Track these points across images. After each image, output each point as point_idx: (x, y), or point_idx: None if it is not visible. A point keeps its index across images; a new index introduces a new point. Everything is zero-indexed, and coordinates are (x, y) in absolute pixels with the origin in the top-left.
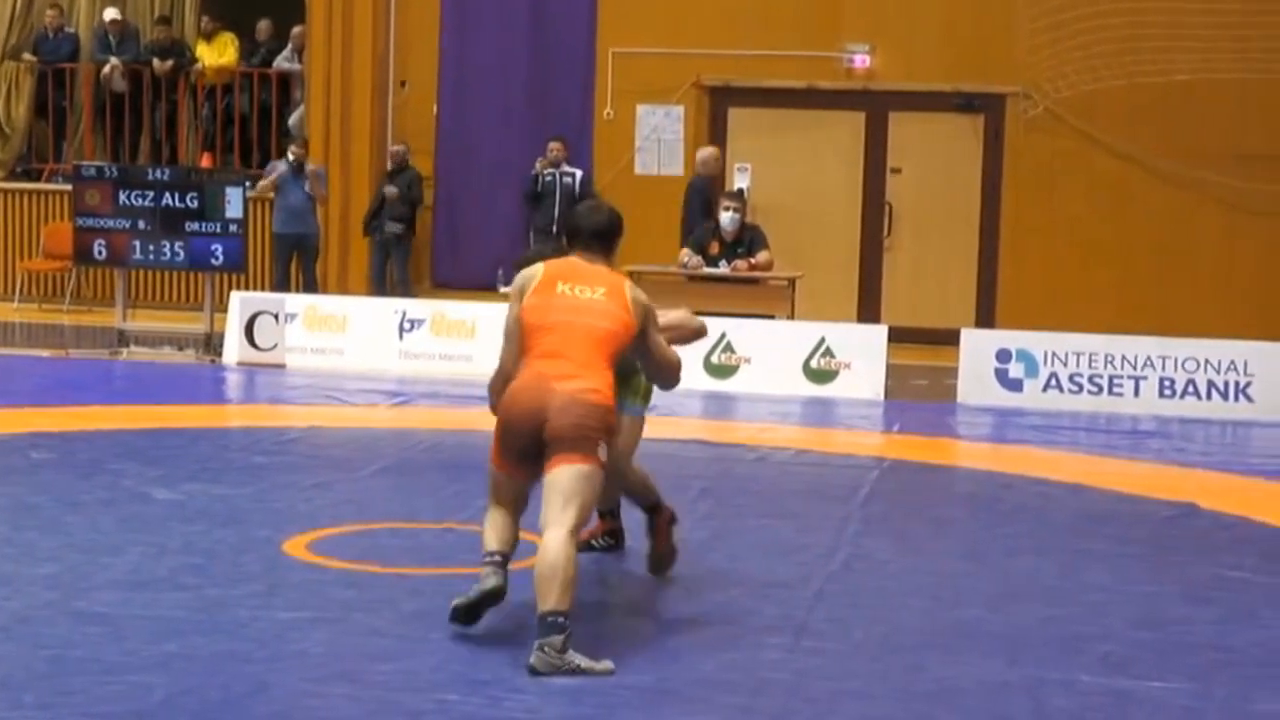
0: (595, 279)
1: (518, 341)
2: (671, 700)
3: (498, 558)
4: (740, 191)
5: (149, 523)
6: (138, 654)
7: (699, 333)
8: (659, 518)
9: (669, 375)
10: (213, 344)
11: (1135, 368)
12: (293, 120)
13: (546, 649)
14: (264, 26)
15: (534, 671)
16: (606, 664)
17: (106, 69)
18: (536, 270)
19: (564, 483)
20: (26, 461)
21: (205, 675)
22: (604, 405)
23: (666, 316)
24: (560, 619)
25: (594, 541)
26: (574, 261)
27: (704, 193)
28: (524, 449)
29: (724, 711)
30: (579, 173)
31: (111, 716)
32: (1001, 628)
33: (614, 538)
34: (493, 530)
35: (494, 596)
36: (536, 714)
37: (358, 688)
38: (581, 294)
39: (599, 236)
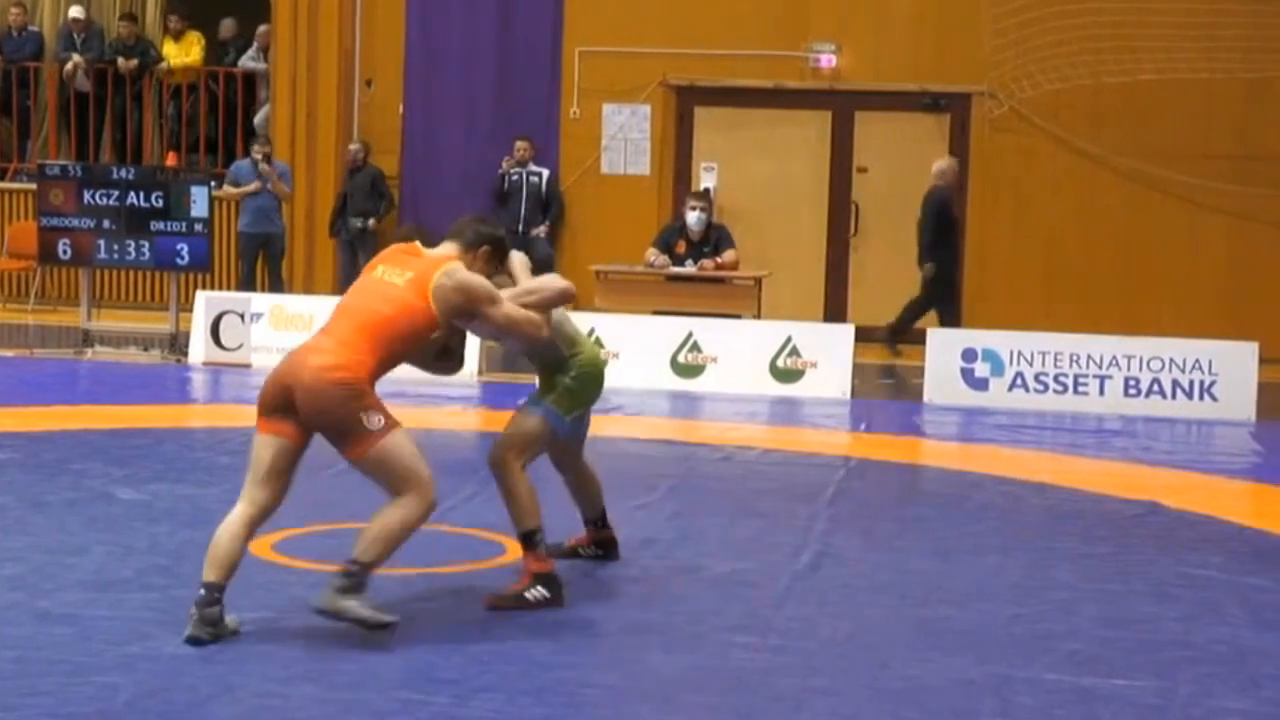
0: (413, 266)
1: None
2: (638, 699)
3: (214, 593)
4: (706, 191)
5: (114, 523)
6: (103, 655)
7: (564, 295)
8: (529, 554)
9: (521, 337)
10: (178, 344)
11: (1100, 367)
12: (258, 119)
13: (331, 587)
14: (228, 25)
15: (314, 608)
16: (387, 617)
17: (69, 67)
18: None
19: (379, 470)
20: None
21: (171, 676)
22: (345, 381)
23: (529, 284)
24: (353, 565)
25: (580, 550)
26: (412, 246)
27: (945, 206)
28: (275, 405)
29: (691, 710)
30: (545, 172)
31: (77, 717)
32: (968, 626)
33: (603, 548)
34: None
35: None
36: (502, 713)
37: (323, 688)
38: (386, 277)
39: (457, 232)
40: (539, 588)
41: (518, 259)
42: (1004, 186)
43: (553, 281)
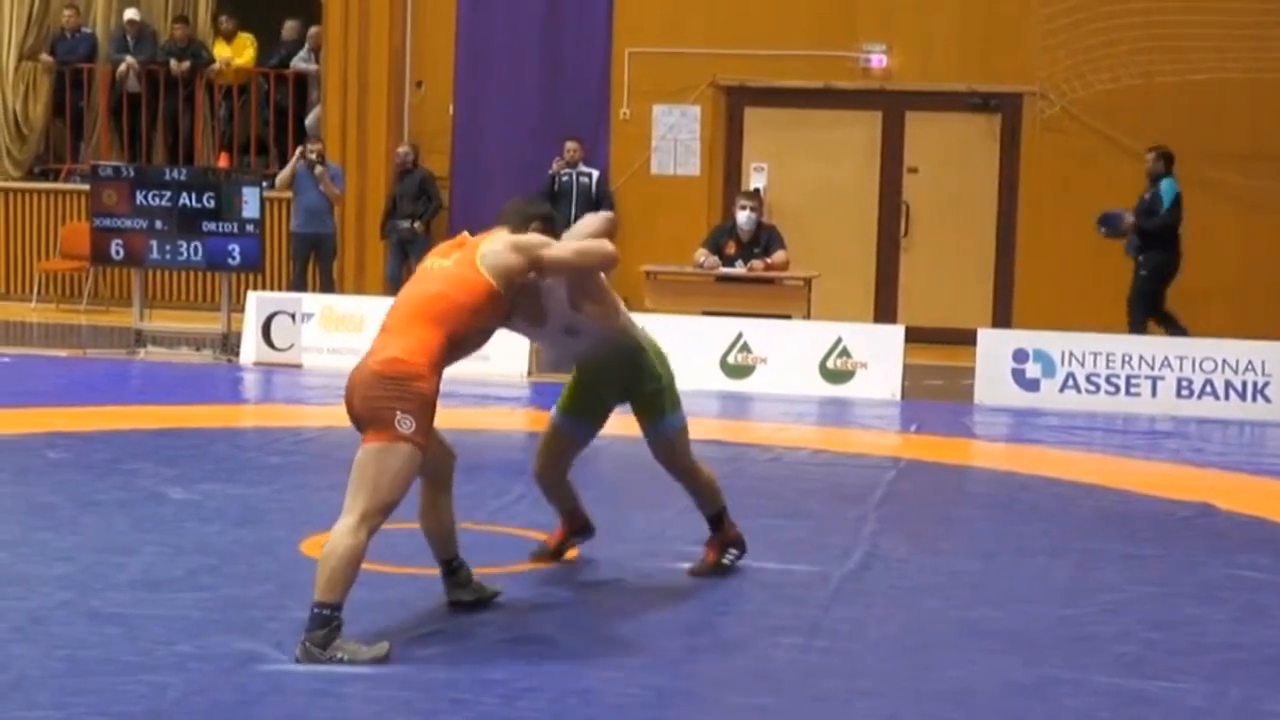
0: (458, 248)
1: None
2: (685, 700)
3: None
4: (756, 191)
5: (165, 523)
6: (153, 654)
7: (607, 259)
8: (719, 534)
9: (591, 266)
10: (229, 344)
11: (1152, 368)
12: (309, 120)
13: (308, 642)
14: (290, 27)
15: (298, 662)
16: (379, 648)
17: (122, 68)
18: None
19: (357, 465)
20: (43, 461)
21: (220, 675)
22: (397, 373)
23: (577, 230)
24: (324, 611)
25: (569, 541)
26: (460, 236)
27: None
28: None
29: (737, 711)
30: (595, 173)
31: (127, 716)
32: (1015, 627)
33: (585, 531)
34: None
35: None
36: (549, 713)
37: (371, 687)
38: (434, 266)
39: (509, 213)
40: (732, 550)
41: (586, 222)
42: (1055, 187)
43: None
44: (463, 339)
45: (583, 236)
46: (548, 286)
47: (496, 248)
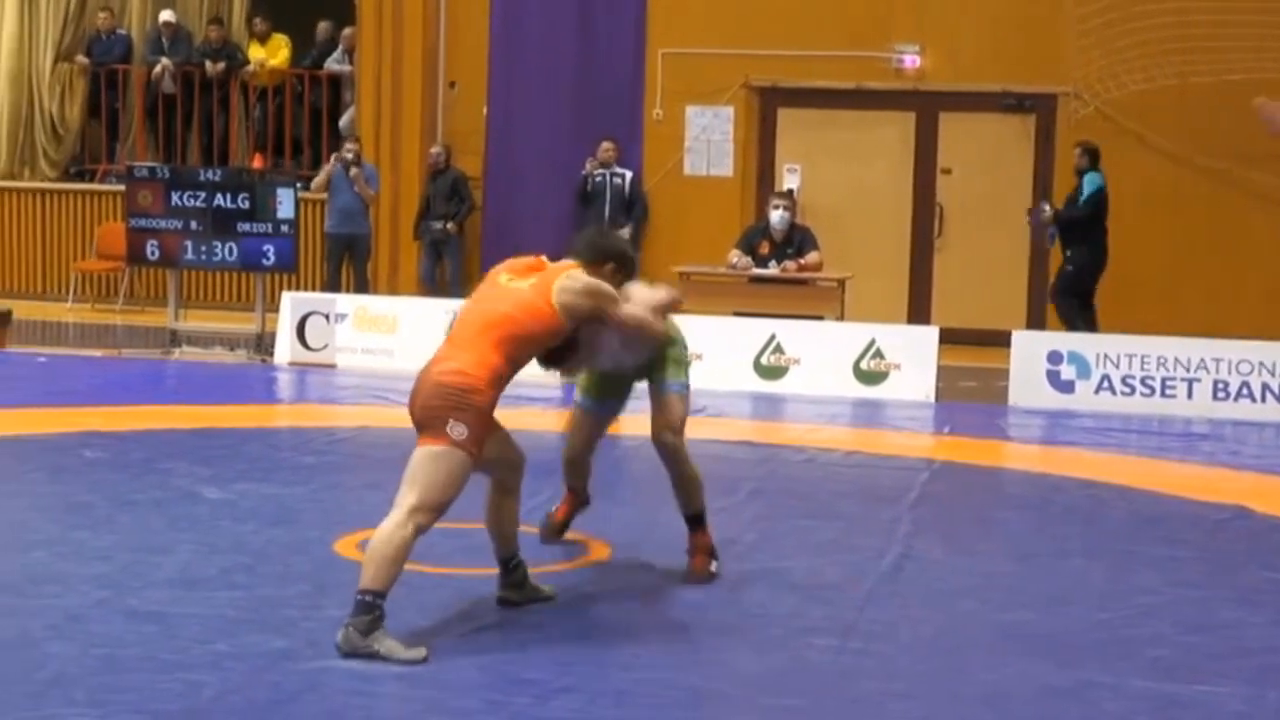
0: (534, 272)
1: None
2: (719, 701)
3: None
4: (789, 191)
5: (200, 522)
6: (189, 652)
7: (657, 340)
8: (696, 537)
9: (645, 338)
10: (264, 344)
11: (1188, 370)
12: (343, 121)
13: (351, 628)
14: (324, 27)
15: (339, 650)
16: (417, 652)
17: (157, 69)
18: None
19: (412, 465)
20: (79, 461)
21: (256, 674)
22: (457, 385)
23: (643, 296)
24: (369, 597)
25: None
26: (538, 260)
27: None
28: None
29: (771, 713)
30: (629, 173)
31: (163, 714)
32: (1050, 630)
33: (583, 508)
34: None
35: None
36: (583, 714)
37: (406, 687)
38: (510, 283)
39: (588, 247)
40: (714, 560)
41: (652, 294)
42: None
43: (652, 323)
44: (525, 358)
45: (647, 306)
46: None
47: (573, 286)
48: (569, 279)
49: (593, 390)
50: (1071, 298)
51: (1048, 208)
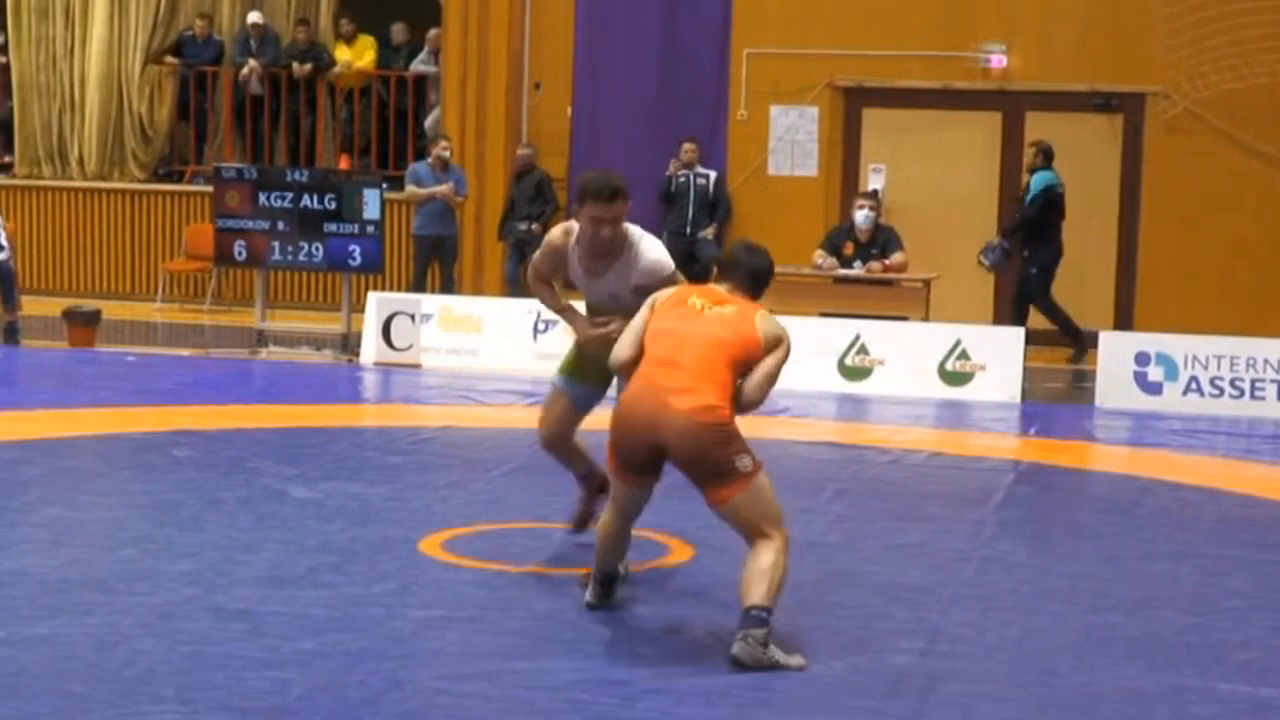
0: (729, 303)
1: (638, 335)
2: (805, 703)
3: (599, 578)
4: (874, 192)
5: (287, 521)
6: (276, 650)
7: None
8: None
9: (769, 389)
10: (350, 344)
11: (1277, 371)
12: (428, 122)
13: (750, 639)
14: (399, 30)
15: (737, 661)
16: (799, 659)
17: (245, 71)
18: (674, 286)
19: (739, 516)
20: (168, 459)
21: (341, 672)
22: (722, 423)
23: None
24: (764, 613)
25: (594, 504)
26: (713, 287)
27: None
28: (638, 463)
29: (857, 714)
30: (712, 174)
31: (250, 712)
32: (1138, 633)
33: (604, 491)
34: (602, 544)
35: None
36: (670, 715)
37: (491, 686)
38: (709, 311)
39: (752, 275)
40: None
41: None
42: (1178, 188)
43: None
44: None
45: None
46: (628, 264)
47: (772, 325)
48: (766, 315)
49: (569, 369)
50: (1047, 294)
51: (1001, 242)
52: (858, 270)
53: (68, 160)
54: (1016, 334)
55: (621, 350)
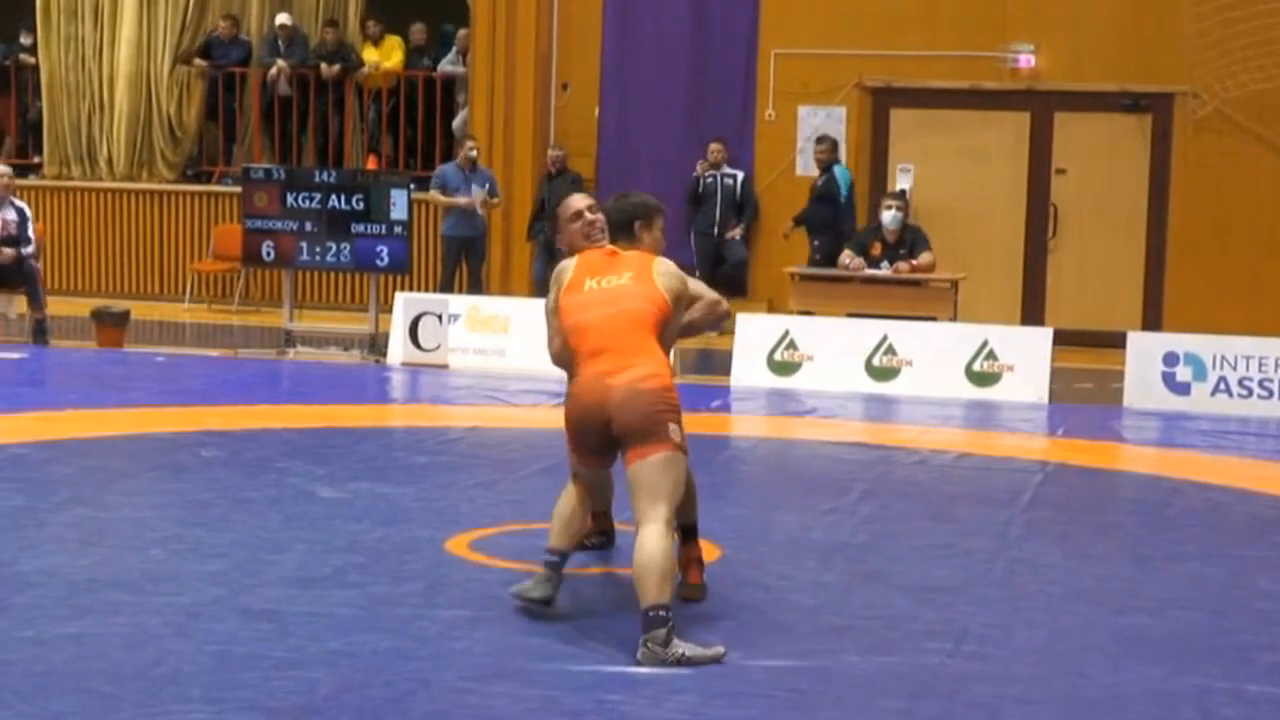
0: (622, 266)
1: (558, 331)
2: (831, 703)
3: (554, 558)
4: (902, 192)
5: (314, 521)
6: (303, 650)
7: (721, 319)
8: (693, 549)
9: (711, 314)
10: (377, 344)
11: None
12: (456, 123)
13: (650, 644)
14: (418, 30)
15: (641, 665)
16: (716, 650)
17: (273, 72)
18: (569, 265)
19: (645, 477)
20: (196, 459)
21: (369, 672)
22: (661, 388)
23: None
24: (661, 612)
25: (585, 541)
26: (602, 254)
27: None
28: (595, 447)
29: (883, 715)
30: (740, 174)
31: (277, 712)
32: (1167, 634)
33: (605, 536)
34: (558, 520)
35: (541, 604)
36: (697, 714)
37: (518, 686)
38: (609, 284)
39: (618, 222)
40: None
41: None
42: (1207, 188)
43: (713, 308)
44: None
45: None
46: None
47: (669, 272)
48: (660, 263)
49: None
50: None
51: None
52: (885, 271)
53: (96, 161)
54: (1044, 334)
55: (553, 349)
